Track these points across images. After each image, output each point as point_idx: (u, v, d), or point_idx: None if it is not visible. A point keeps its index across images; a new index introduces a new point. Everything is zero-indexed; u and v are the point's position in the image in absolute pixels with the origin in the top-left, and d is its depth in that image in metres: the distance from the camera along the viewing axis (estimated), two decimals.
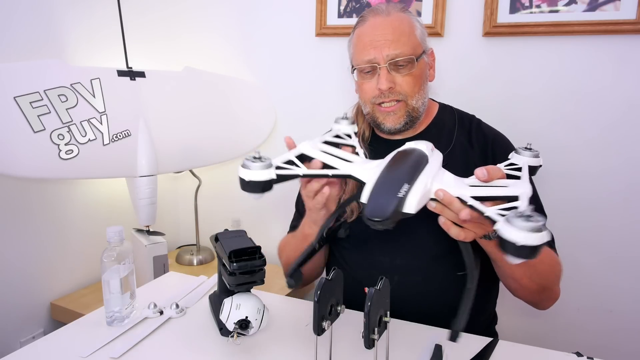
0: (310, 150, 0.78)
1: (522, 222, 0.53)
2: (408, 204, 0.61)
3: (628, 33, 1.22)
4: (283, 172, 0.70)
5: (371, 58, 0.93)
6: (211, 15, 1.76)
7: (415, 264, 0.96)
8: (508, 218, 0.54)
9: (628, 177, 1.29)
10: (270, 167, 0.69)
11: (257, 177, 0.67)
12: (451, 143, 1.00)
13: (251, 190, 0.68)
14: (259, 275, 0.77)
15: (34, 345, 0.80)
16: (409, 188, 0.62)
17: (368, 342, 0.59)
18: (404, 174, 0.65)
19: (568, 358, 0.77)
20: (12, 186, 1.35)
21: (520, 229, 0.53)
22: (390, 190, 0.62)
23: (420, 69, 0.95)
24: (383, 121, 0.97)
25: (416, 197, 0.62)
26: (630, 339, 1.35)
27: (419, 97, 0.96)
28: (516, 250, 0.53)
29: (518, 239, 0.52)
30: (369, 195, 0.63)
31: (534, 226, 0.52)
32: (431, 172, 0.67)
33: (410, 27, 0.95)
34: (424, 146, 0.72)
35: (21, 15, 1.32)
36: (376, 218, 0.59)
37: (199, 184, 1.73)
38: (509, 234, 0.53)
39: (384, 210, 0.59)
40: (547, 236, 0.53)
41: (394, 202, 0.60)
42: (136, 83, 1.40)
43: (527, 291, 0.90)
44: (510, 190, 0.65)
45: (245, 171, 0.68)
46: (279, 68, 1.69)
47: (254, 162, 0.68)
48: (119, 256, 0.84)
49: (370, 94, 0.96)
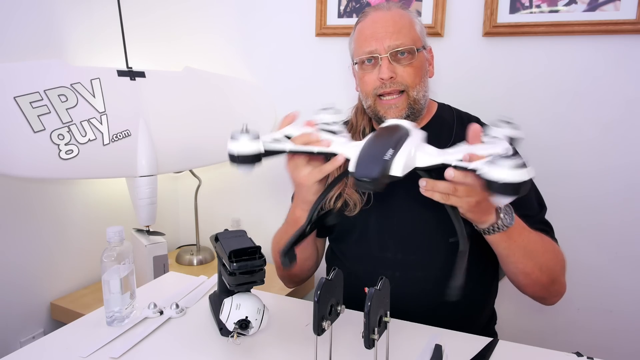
0: (297, 130, 0.80)
1: (504, 161, 0.56)
2: (395, 167, 0.64)
3: (628, 33, 1.22)
4: (270, 145, 0.72)
5: (372, 49, 0.94)
6: (211, 16, 1.76)
7: (416, 259, 0.97)
8: (491, 159, 0.58)
9: (628, 177, 1.29)
10: (258, 140, 0.70)
11: (245, 148, 0.69)
12: (450, 140, 1.00)
13: (240, 162, 0.70)
14: (259, 275, 0.77)
15: (34, 345, 0.80)
16: (394, 152, 0.65)
17: (368, 342, 0.59)
18: (389, 141, 0.68)
19: (568, 358, 0.77)
20: (12, 186, 1.35)
21: (504, 167, 0.56)
22: (377, 154, 0.65)
23: (420, 61, 0.96)
24: (384, 114, 0.97)
25: (402, 160, 0.65)
26: (630, 339, 1.35)
27: (420, 89, 0.96)
28: (503, 187, 0.56)
29: (502, 176, 0.56)
30: (357, 159, 0.66)
31: (516, 163, 0.56)
32: (414, 142, 0.70)
33: (410, 22, 0.97)
34: (406, 123, 0.76)
35: (22, 15, 1.32)
36: (364, 178, 0.62)
37: (199, 184, 1.73)
38: (493, 173, 0.56)
39: (372, 170, 0.63)
40: (531, 172, 0.56)
41: (381, 163, 0.63)
42: (136, 83, 1.40)
43: (537, 286, 0.90)
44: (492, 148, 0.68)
45: (233, 143, 0.69)
46: (279, 68, 1.69)
47: (241, 134, 0.69)
48: (119, 256, 0.84)
49: (372, 85, 0.96)
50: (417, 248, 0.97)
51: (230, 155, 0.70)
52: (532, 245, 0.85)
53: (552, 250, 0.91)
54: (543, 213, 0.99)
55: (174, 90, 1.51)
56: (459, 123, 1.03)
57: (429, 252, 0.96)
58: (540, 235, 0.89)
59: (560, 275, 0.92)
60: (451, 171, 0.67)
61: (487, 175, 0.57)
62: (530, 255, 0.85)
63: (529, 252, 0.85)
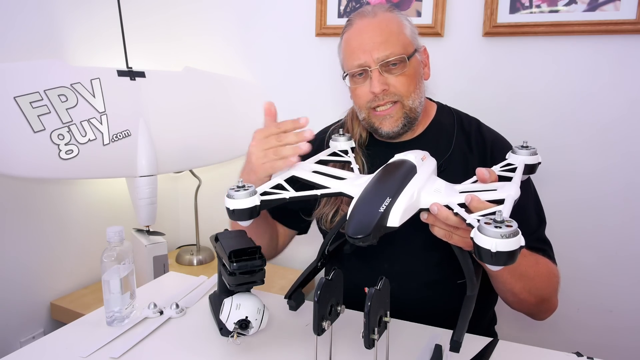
0: (301, 173, 0.78)
1: (492, 229, 0.52)
2: (391, 218, 0.61)
3: (628, 33, 1.22)
4: (269, 197, 0.71)
5: (361, 62, 0.91)
6: (211, 16, 1.76)
7: (414, 269, 0.96)
8: (480, 226, 0.53)
9: (627, 176, 1.29)
10: (255, 195, 0.69)
11: (241, 205, 0.68)
12: (450, 147, 0.98)
13: (238, 218, 0.69)
14: (259, 275, 0.77)
15: (34, 345, 0.80)
16: (392, 202, 0.62)
17: (368, 342, 0.59)
18: (388, 187, 0.65)
19: (568, 358, 0.77)
20: (12, 186, 1.35)
21: (491, 236, 0.52)
22: (372, 206, 0.61)
23: (413, 68, 0.93)
24: (380, 125, 0.95)
25: (399, 210, 0.61)
26: (630, 339, 1.35)
27: (414, 97, 0.93)
28: (491, 257, 0.52)
29: (490, 245, 0.52)
30: (350, 213, 0.62)
31: (504, 232, 0.51)
32: (419, 182, 0.67)
33: (398, 26, 0.92)
34: (413, 157, 0.72)
35: (22, 16, 1.32)
36: (358, 235, 0.58)
37: (199, 184, 1.73)
38: (481, 241, 0.53)
39: (366, 227, 0.58)
40: (520, 241, 0.52)
41: (375, 217, 0.59)
42: (136, 83, 1.40)
43: (525, 304, 0.89)
44: (497, 194, 0.65)
45: (230, 201, 0.69)
46: (279, 68, 1.69)
47: (237, 191, 0.69)
48: (119, 256, 0.84)
49: (365, 98, 0.93)
50: (416, 259, 0.96)
51: (228, 210, 0.69)
52: (524, 269, 0.82)
53: (545, 274, 0.87)
54: (542, 229, 0.95)
55: (174, 90, 1.51)
56: (459, 128, 1.01)
57: (428, 262, 0.95)
58: (535, 258, 0.86)
59: (551, 295, 0.90)
60: (435, 206, 0.63)
61: (476, 241, 0.53)
62: (520, 278, 0.83)
63: (520, 275, 0.82)
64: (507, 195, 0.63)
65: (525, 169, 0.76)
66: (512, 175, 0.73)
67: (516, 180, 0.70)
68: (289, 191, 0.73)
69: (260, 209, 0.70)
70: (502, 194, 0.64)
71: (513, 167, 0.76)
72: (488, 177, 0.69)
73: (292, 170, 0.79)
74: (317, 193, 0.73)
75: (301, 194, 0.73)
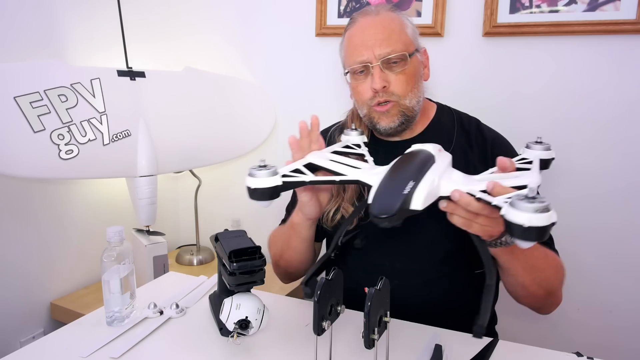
0: (318, 160, 0.78)
1: (525, 204, 0.52)
2: (415, 200, 0.60)
3: (628, 33, 1.22)
4: (289, 179, 0.71)
5: (363, 58, 0.92)
6: (211, 16, 1.76)
7: (415, 267, 0.96)
8: (512, 201, 0.54)
9: (628, 176, 1.29)
10: (276, 175, 0.69)
11: (263, 184, 0.68)
12: (451, 145, 0.99)
13: (258, 198, 0.68)
14: (259, 275, 0.77)
15: (34, 345, 0.80)
16: (415, 184, 0.62)
17: (368, 342, 0.59)
18: (410, 172, 0.65)
19: (568, 358, 0.77)
20: (12, 186, 1.35)
21: (525, 211, 0.52)
22: (397, 188, 0.61)
23: (413, 67, 0.94)
24: (378, 121, 0.96)
25: (422, 193, 0.61)
26: (630, 339, 1.35)
27: (412, 96, 0.94)
28: (523, 232, 0.52)
29: (523, 220, 0.52)
30: (375, 195, 0.62)
31: (538, 207, 0.52)
32: (438, 170, 0.67)
33: (400, 26, 0.94)
34: (431, 147, 0.73)
35: (22, 16, 1.32)
36: (383, 215, 0.58)
37: (199, 184, 1.73)
38: (514, 216, 0.53)
39: (391, 207, 0.58)
40: (553, 216, 0.53)
41: (400, 198, 0.59)
42: (136, 83, 1.40)
43: (534, 298, 0.90)
44: (519, 181, 0.65)
45: (251, 179, 0.68)
46: (279, 68, 1.69)
47: (259, 170, 0.68)
48: (119, 256, 0.84)
49: (366, 95, 0.95)
50: (418, 256, 0.96)
51: (249, 190, 0.69)
52: (535, 261, 0.84)
53: (554, 266, 0.89)
54: None
55: (174, 90, 1.51)
56: (459, 127, 1.02)
57: (429, 259, 0.96)
58: (545, 251, 0.87)
59: (557, 288, 0.91)
60: (457, 193, 0.63)
61: (508, 217, 0.54)
62: (531, 270, 0.84)
63: (531, 267, 0.84)
64: (530, 181, 0.63)
65: (540, 164, 0.77)
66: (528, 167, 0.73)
67: (535, 169, 0.71)
68: (307, 175, 0.73)
69: (280, 190, 0.70)
70: (524, 180, 0.64)
71: (528, 161, 0.77)
72: (509, 165, 0.69)
73: (309, 157, 0.79)
74: (335, 179, 0.73)
75: (320, 178, 0.73)
